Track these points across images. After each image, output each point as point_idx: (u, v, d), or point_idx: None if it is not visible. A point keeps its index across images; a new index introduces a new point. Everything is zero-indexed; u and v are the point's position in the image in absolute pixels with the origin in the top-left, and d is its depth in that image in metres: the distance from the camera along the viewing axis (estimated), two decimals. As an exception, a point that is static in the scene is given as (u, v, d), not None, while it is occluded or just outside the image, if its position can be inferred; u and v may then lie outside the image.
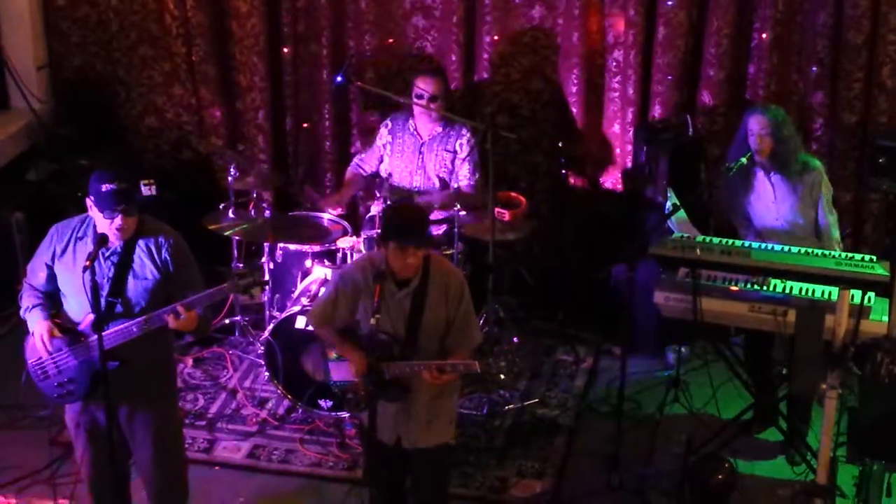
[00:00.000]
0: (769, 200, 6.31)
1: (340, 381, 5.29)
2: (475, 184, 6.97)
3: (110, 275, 5.06)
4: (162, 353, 5.24)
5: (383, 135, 7.17)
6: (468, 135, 7.00)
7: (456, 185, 6.99)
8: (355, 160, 7.35)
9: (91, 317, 5.00)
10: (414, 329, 5.10)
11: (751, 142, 6.19)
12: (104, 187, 4.93)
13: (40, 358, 5.15)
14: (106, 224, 4.97)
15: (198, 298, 5.04)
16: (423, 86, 6.96)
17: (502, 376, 6.93)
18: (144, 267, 5.07)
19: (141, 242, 5.08)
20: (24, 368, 5.23)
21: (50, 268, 5.14)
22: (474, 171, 6.97)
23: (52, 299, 5.20)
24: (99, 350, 4.91)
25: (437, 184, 7.02)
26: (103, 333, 4.96)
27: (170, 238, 5.13)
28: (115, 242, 5.05)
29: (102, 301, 5.01)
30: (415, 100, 6.98)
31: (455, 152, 7.00)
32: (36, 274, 5.20)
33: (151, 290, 5.09)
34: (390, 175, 7.07)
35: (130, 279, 5.07)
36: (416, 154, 7.05)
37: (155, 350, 5.15)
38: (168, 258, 5.09)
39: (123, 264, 5.06)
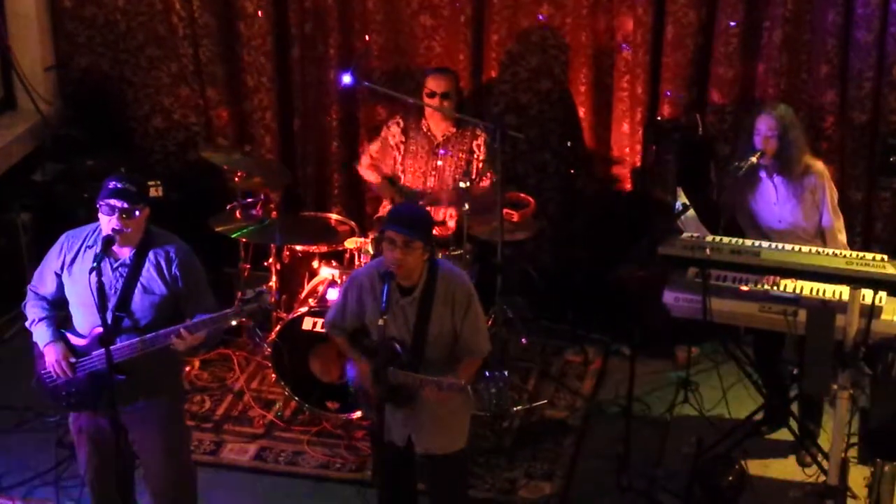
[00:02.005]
0: (771, 202, 6.27)
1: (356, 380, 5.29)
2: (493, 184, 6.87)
3: (118, 287, 5.01)
4: (168, 355, 5.17)
5: (396, 133, 7.04)
6: (483, 135, 6.94)
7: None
8: (367, 161, 7.18)
9: (98, 330, 4.96)
10: (419, 338, 5.04)
11: (756, 142, 6.15)
12: (111, 184, 4.91)
13: (51, 370, 5.12)
14: (105, 222, 4.93)
15: (202, 322, 4.99)
16: (434, 84, 6.91)
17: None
18: (153, 281, 5.03)
19: (151, 255, 5.03)
20: (32, 373, 5.20)
21: (59, 276, 5.09)
22: (493, 172, 6.84)
23: (58, 307, 5.16)
24: (107, 364, 4.88)
25: (451, 185, 6.93)
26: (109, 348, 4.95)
27: (180, 252, 5.08)
28: (121, 252, 5.01)
29: (109, 314, 4.98)
30: (426, 98, 6.93)
31: (472, 153, 6.95)
32: (44, 281, 5.15)
33: (159, 306, 5.05)
34: (401, 175, 7.02)
35: (139, 293, 5.02)
36: (431, 155, 7.01)
37: (161, 354, 5.09)
38: (178, 273, 5.04)
39: (132, 277, 5.01)
